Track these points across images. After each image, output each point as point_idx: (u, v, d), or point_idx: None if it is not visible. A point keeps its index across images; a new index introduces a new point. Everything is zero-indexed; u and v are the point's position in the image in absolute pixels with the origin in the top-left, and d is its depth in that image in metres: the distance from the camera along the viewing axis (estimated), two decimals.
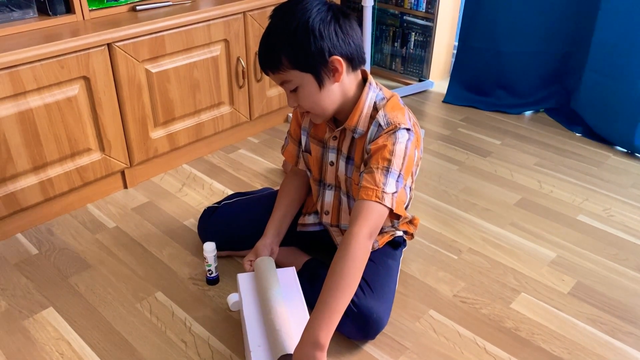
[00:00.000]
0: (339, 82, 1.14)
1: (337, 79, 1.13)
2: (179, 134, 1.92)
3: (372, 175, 1.12)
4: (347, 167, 1.27)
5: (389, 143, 1.14)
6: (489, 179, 1.96)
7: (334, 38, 1.09)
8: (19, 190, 1.58)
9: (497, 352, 1.27)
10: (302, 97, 1.15)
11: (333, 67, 1.11)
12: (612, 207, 1.81)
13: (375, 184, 1.11)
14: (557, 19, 2.30)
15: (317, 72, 1.11)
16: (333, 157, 1.30)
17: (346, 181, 1.30)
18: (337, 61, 1.10)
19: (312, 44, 1.08)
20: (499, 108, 2.49)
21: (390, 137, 1.15)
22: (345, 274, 1.03)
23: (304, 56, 1.09)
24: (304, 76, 1.11)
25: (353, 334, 1.27)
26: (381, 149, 1.14)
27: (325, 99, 1.15)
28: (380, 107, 1.18)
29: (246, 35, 1.98)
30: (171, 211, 1.77)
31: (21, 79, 1.46)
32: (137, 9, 1.79)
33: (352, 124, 1.20)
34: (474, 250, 1.60)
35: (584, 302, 1.41)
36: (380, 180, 1.11)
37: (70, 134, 1.63)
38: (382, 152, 1.14)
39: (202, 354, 1.26)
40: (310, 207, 1.47)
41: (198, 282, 1.47)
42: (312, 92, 1.13)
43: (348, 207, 1.34)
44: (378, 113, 1.18)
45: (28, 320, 1.36)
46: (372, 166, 1.13)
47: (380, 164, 1.13)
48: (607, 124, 2.19)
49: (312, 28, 1.07)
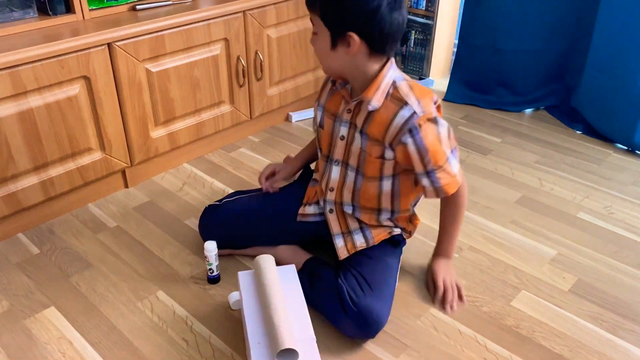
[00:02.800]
0: (351, 55, 1.19)
1: (349, 52, 1.19)
2: (179, 133, 1.92)
3: (444, 172, 1.25)
4: (362, 140, 1.29)
5: (437, 136, 1.23)
6: (489, 177, 1.96)
7: (363, 19, 1.14)
8: (20, 190, 1.58)
9: (498, 350, 1.27)
10: (315, 43, 1.24)
11: (347, 41, 1.17)
12: (613, 204, 1.80)
13: (451, 175, 1.27)
14: (557, 17, 2.30)
15: (334, 35, 1.18)
16: (344, 131, 1.32)
17: (360, 155, 1.31)
18: (353, 40, 1.16)
19: (344, 12, 1.14)
20: (500, 106, 2.49)
21: (434, 128, 1.22)
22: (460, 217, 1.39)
23: (331, 16, 1.16)
24: (324, 29, 1.19)
25: (353, 333, 1.27)
26: (435, 145, 1.22)
27: (332, 59, 1.22)
28: (407, 90, 1.22)
29: (246, 34, 1.98)
30: (172, 210, 1.77)
31: (22, 78, 1.46)
32: (137, 8, 1.79)
33: (368, 96, 1.23)
34: (474, 248, 1.60)
35: (585, 299, 1.42)
36: (451, 170, 1.27)
37: (71, 133, 1.63)
38: (438, 148, 1.23)
39: (203, 353, 1.26)
40: (311, 198, 1.48)
41: (199, 281, 1.48)
42: (323, 46, 1.21)
43: (353, 184, 1.36)
44: (409, 98, 1.21)
45: (30, 319, 1.36)
46: (441, 165, 1.24)
47: (444, 156, 1.25)
48: (608, 122, 2.19)
49: (354, 1, 1.13)
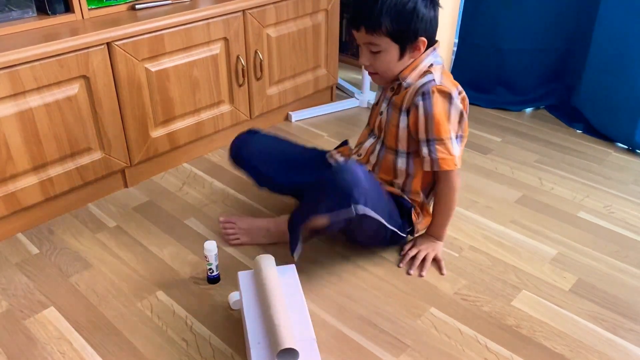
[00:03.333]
0: (416, 55, 1.35)
1: (414, 55, 1.35)
2: (179, 133, 1.92)
3: (445, 147, 1.33)
4: (389, 110, 1.43)
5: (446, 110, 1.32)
6: (489, 177, 1.96)
7: (427, 22, 1.31)
8: (20, 190, 1.58)
9: (499, 350, 1.27)
10: (380, 61, 1.35)
11: (417, 46, 1.33)
12: (613, 204, 1.80)
13: (450, 153, 1.34)
14: (557, 16, 2.30)
15: (404, 46, 1.32)
16: (384, 107, 1.46)
17: (386, 125, 1.45)
18: (422, 42, 1.32)
19: (413, 23, 1.29)
20: (500, 105, 2.48)
21: (446, 102, 1.32)
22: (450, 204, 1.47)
23: (402, 31, 1.29)
24: (392, 45, 1.31)
25: (329, 205, 1.28)
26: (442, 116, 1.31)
27: (399, 67, 1.36)
28: (437, 71, 1.35)
29: (246, 34, 1.97)
30: (172, 210, 1.77)
31: (21, 78, 1.46)
32: (137, 7, 1.79)
33: (404, 74, 1.37)
34: (475, 248, 1.59)
35: (585, 299, 1.41)
36: (452, 149, 1.34)
37: (70, 133, 1.63)
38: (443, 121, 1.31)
39: (203, 353, 1.26)
40: (345, 152, 1.63)
41: (199, 281, 1.47)
42: (391, 60, 1.34)
43: (377, 153, 1.50)
44: (435, 74, 1.34)
45: (29, 319, 1.36)
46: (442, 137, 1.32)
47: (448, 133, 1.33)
48: (608, 121, 2.19)
49: (418, 9, 1.28)
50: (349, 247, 1.59)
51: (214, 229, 1.68)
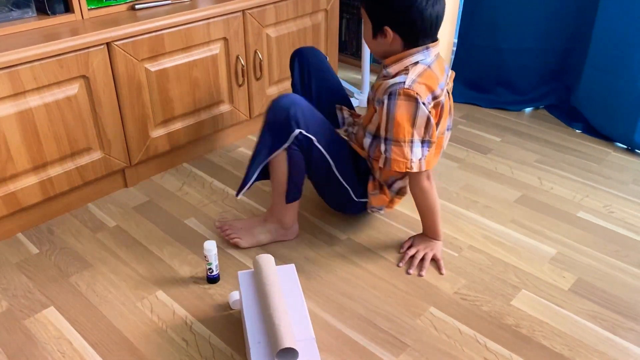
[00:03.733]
0: (387, 45, 1.39)
1: (384, 43, 1.39)
2: (178, 133, 1.92)
3: (400, 149, 1.35)
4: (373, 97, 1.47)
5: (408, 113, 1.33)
6: (489, 176, 1.96)
7: (397, 15, 1.34)
8: (19, 190, 1.58)
9: (498, 349, 1.27)
10: (363, 30, 1.46)
11: (384, 33, 1.37)
12: (613, 203, 1.80)
13: (404, 156, 1.36)
14: (557, 15, 2.30)
15: (374, 27, 1.39)
16: (371, 94, 1.51)
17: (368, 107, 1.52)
18: (388, 31, 1.36)
19: (379, 8, 1.36)
20: (499, 105, 2.48)
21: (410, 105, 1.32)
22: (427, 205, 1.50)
23: (371, 11, 1.39)
24: (368, 21, 1.41)
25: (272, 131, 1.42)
26: (403, 119, 1.33)
27: (373, 45, 1.44)
28: (417, 70, 1.36)
29: (245, 34, 1.97)
30: (172, 210, 1.77)
31: (20, 78, 1.46)
32: (136, 7, 1.79)
33: (387, 63, 1.42)
34: (474, 248, 1.60)
35: (585, 298, 1.41)
36: (407, 153, 1.35)
37: (70, 133, 1.63)
38: (404, 124, 1.33)
39: (203, 353, 1.26)
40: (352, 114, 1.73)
41: (199, 280, 1.48)
42: (367, 35, 1.44)
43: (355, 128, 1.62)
44: (411, 74, 1.34)
45: (29, 319, 1.36)
46: (399, 139, 1.35)
47: (407, 137, 1.34)
48: (608, 121, 2.19)
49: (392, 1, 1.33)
50: (349, 247, 1.60)
51: (213, 229, 1.68)
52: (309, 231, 1.67)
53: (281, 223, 1.58)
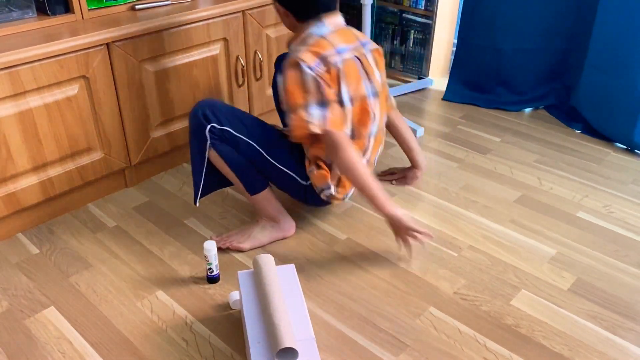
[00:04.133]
0: (287, 22, 1.51)
1: (285, 22, 1.51)
2: (178, 133, 1.92)
3: (297, 114, 1.40)
4: None
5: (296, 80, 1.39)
6: (488, 176, 1.96)
7: None
8: (20, 190, 1.58)
9: (498, 349, 1.27)
10: None
11: (280, 12, 1.49)
12: (612, 203, 1.81)
13: (302, 119, 1.39)
14: (556, 16, 2.30)
15: (276, 6, 1.50)
16: None
17: None
18: (279, 9, 1.48)
19: None
20: (499, 105, 2.49)
21: (295, 73, 1.39)
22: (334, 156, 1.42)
23: None
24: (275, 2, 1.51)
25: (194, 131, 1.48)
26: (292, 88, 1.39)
27: (283, 22, 1.53)
28: (310, 41, 1.42)
29: (245, 34, 1.98)
30: (171, 210, 1.77)
31: (21, 79, 1.46)
32: (136, 8, 1.79)
33: (290, 42, 1.52)
34: (474, 248, 1.60)
35: (585, 298, 1.42)
36: (304, 116, 1.39)
37: (70, 133, 1.63)
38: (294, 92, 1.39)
39: (203, 353, 1.26)
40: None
41: (199, 280, 1.48)
42: (277, 15, 1.54)
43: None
44: (302, 46, 1.41)
45: (29, 319, 1.36)
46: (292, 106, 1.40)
47: (300, 101, 1.39)
48: (607, 121, 2.19)
49: None
50: (349, 247, 1.60)
51: (214, 229, 1.68)
52: (309, 231, 1.67)
53: (268, 218, 1.60)
